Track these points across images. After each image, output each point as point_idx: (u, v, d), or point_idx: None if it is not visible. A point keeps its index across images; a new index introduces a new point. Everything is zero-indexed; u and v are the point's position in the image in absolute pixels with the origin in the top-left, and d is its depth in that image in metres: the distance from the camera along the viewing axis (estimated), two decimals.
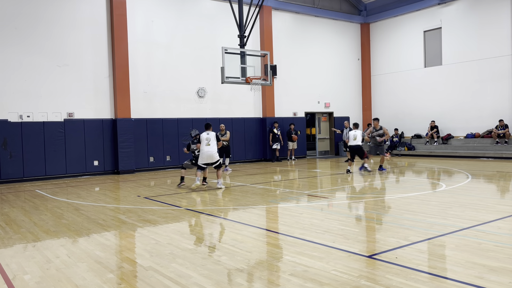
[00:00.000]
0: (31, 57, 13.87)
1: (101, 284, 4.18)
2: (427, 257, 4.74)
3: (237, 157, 18.29)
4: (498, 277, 4.01)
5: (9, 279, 4.42)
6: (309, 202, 8.57)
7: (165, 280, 4.22)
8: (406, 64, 21.19)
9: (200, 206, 8.37)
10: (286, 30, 20.00)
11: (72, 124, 14.52)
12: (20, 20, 13.69)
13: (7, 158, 13.29)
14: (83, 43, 14.82)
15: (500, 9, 17.61)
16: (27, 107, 13.81)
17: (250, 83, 13.16)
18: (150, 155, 16.06)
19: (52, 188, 11.84)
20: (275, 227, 6.58)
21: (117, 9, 15.20)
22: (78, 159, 14.57)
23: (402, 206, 7.73)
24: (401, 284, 3.87)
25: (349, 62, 22.41)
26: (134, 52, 15.72)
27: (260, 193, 9.90)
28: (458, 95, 19.10)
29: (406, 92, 21.21)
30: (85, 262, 4.91)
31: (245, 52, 13.27)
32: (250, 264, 4.65)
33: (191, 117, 17.04)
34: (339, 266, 4.45)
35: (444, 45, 19.55)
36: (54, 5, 14.30)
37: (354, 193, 9.77)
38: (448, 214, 6.93)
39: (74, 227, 6.76)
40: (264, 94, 19.10)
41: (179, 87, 16.82)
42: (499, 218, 6.50)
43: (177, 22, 16.84)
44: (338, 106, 21.88)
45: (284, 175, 13.73)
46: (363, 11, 22.64)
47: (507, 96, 17.68)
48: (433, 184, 10.89)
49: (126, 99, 15.39)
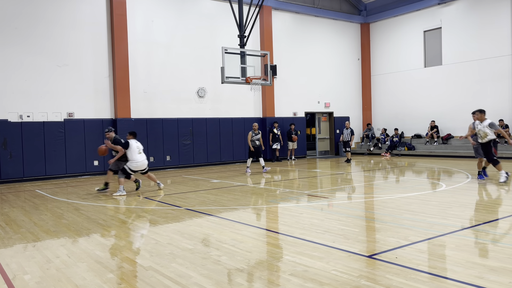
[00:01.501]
0: (31, 57, 13.87)
1: (101, 284, 4.18)
2: (427, 257, 4.74)
3: (237, 157, 18.30)
4: (498, 277, 4.01)
5: (9, 279, 4.42)
6: (309, 202, 8.57)
7: (165, 280, 4.22)
8: (406, 64, 21.19)
9: (200, 206, 8.37)
10: (286, 30, 20.00)
11: (72, 124, 14.52)
12: (20, 20, 13.69)
13: (7, 158, 13.29)
14: (83, 43, 14.82)
15: (500, 9, 17.61)
16: (27, 107, 13.81)
17: (250, 83, 13.16)
18: (150, 155, 16.04)
19: (52, 188, 11.84)
20: (275, 227, 6.58)
21: (117, 9, 15.20)
22: (78, 159, 14.57)
23: (402, 206, 7.73)
24: (401, 284, 3.87)
25: (349, 62, 22.41)
26: (134, 52, 15.72)
27: (260, 193, 9.90)
28: (458, 95, 19.10)
29: (406, 92, 21.21)
30: (85, 262, 4.91)
31: (245, 52, 13.27)
32: (250, 264, 4.65)
33: (191, 117, 17.04)
34: (339, 266, 4.45)
35: (444, 45, 19.55)
36: (54, 5, 14.31)
37: (354, 193, 9.77)
38: (448, 214, 6.93)
39: (74, 227, 6.76)
40: (264, 94, 19.11)
41: (179, 87, 16.82)
42: (499, 218, 6.50)
43: (177, 22, 16.84)
44: (338, 106, 21.89)
45: (284, 175, 13.73)
46: (363, 11, 22.65)
47: (507, 96, 17.68)
48: (433, 184, 10.89)
49: (126, 99, 15.39)
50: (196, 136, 17.11)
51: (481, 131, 10.30)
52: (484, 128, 10.24)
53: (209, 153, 17.50)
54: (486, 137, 10.23)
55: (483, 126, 10.28)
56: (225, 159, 17.97)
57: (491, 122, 10.30)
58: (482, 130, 10.28)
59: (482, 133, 10.29)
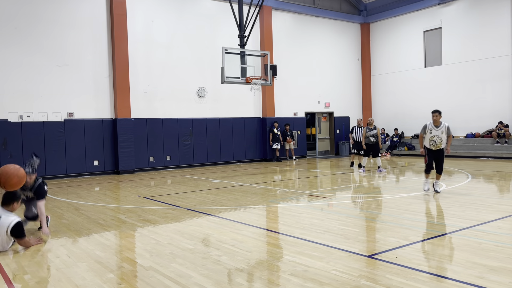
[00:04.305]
0: (31, 57, 13.86)
1: (101, 284, 4.18)
2: (427, 257, 4.74)
3: (237, 157, 18.30)
4: (498, 277, 4.00)
5: (9, 279, 4.42)
6: (309, 202, 8.56)
7: (165, 280, 4.22)
8: (406, 64, 21.18)
9: (200, 206, 8.37)
10: (286, 30, 19.99)
11: (72, 124, 14.52)
12: (20, 20, 13.69)
13: (7, 158, 13.28)
14: (83, 43, 14.82)
15: (500, 9, 17.61)
16: (27, 107, 13.81)
17: (250, 83, 13.16)
18: (150, 155, 16.06)
19: (52, 188, 11.83)
20: (275, 227, 6.58)
21: (117, 9, 15.20)
22: (78, 159, 14.57)
23: (402, 206, 7.73)
24: (401, 284, 3.87)
25: (349, 62, 22.41)
26: (134, 52, 15.72)
27: (260, 193, 9.90)
28: (458, 95, 19.09)
29: (406, 92, 21.21)
30: (85, 262, 4.90)
31: (245, 52, 13.27)
32: (250, 264, 4.65)
33: (191, 117, 17.04)
34: (339, 266, 4.44)
35: (444, 45, 19.55)
36: (54, 4, 14.30)
37: (354, 193, 9.77)
38: (448, 214, 6.93)
39: (74, 227, 6.76)
40: (264, 94, 19.10)
41: (179, 87, 16.82)
42: (499, 218, 6.50)
43: (177, 22, 16.84)
44: (338, 106, 21.88)
45: (284, 175, 13.73)
46: (363, 11, 22.64)
47: (507, 96, 17.68)
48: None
49: (126, 99, 15.39)
50: (196, 136, 17.11)
51: (437, 137, 8.85)
52: (441, 134, 8.87)
53: (209, 153, 17.50)
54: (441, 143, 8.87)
55: (440, 132, 8.87)
56: (225, 159, 17.97)
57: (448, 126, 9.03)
58: (438, 136, 8.85)
59: (438, 140, 8.85)
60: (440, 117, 8.97)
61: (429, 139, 8.95)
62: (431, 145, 8.96)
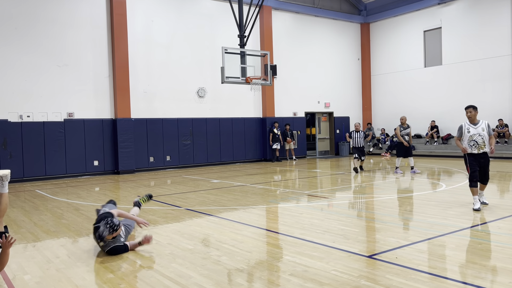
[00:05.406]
0: (31, 57, 13.86)
1: (101, 284, 4.18)
2: (427, 257, 4.74)
3: (237, 157, 18.31)
4: (498, 277, 4.01)
5: (9, 279, 4.42)
6: (309, 202, 8.56)
7: (165, 280, 4.22)
8: (406, 64, 21.18)
9: (200, 206, 8.37)
10: (286, 30, 19.99)
11: (72, 124, 14.52)
12: (20, 20, 13.69)
13: (7, 158, 13.28)
14: (83, 43, 14.82)
15: (500, 9, 17.61)
16: (27, 107, 13.81)
17: (250, 83, 13.16)
18: (150, 155, 16.06)
19: (52, 188, 11.84)
20: (275, 227, 6.58)
21: (117, 9, 15.19)
22: (78, 159, 14.57)
23: (402, 206, 7.73)
24: (401, 284, 3.87)
25: (349, 62, 22.41)
26: (134, 52, 15.72)
27: (260, 193, 9.90)
28: (458, 95, 19.08)
29: (406, 92, 21.20)
30: (85, 262, 4.90)
31: (245, 52, 13.27)
32: (250, 264, 4.65)
33: (191, 117, 17.04)
34: (339, 266, 4.44)
35: (444, 45, 19.55)
36: (54, 5, 14.30)
37: (354, 193, 9.77)
38: (448, 214, 6.93)
39: (74, 227, 6.76)
40: (264, 94, 19.10)
41: (179, 87, 16.82)
42: (499, 218, 6.50)
43: (177, 22, 16.84)
44: (338, 106, 21.88)
45: (284, 175, 13.73)
46: (363, 11, 22.64)
47: (507, 96, 17.68)
48: (433, 184, 10.88)
49: (126, 99, 15.39)
50: (196, 136, 17.10)
51: (478, 135, 7.29)
52: (482, 132, 7.29)
53: (209, 153, 17.50)
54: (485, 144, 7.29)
55: (481, 129, 7.32)
56: (225, 159, 17.97)
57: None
58: (479, 134, 7.27)
59: (480, 139, 7.27)
60: (476, 112, 7.31)
61: (468, 140, 7.27)
62: (472, 146, 7.24)
